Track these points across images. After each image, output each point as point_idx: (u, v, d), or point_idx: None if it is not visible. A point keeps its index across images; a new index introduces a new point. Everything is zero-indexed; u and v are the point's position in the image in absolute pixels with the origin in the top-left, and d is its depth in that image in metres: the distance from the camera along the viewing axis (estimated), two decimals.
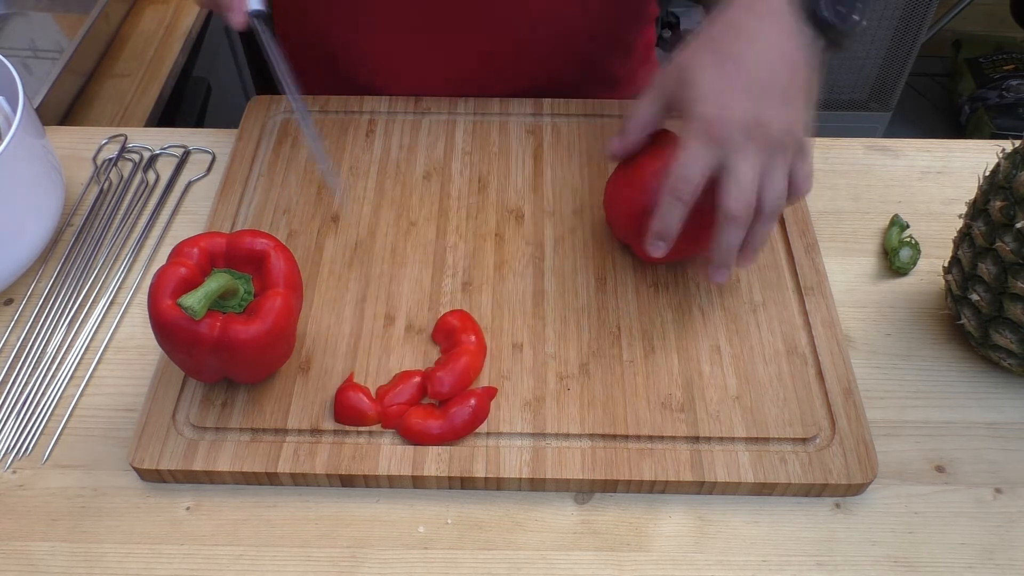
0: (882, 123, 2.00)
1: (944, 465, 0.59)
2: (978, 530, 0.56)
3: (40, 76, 1.06)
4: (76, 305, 0.67)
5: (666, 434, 0.58)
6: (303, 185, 0.73)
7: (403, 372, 0.61)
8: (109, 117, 1.03)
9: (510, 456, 0.57)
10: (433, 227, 0.70)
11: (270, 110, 0.80)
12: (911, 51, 1.85)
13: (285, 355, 0.59)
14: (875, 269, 0.70)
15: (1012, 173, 0.56)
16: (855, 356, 0.64)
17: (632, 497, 0.57)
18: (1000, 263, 0.57)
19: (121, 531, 0.56)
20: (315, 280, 0.67)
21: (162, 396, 0.60)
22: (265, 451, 0.57)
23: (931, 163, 0.78)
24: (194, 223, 0.74)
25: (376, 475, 0.56)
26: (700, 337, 0.63)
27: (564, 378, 0.61)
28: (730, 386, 0.60)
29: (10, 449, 0.60)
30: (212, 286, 0.53)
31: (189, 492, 0.57)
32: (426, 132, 0.78)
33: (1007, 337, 0.59)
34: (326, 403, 0.59)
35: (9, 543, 0.55)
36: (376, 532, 0.56)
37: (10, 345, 0.65)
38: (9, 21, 1.18)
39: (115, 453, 0.59)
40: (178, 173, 0.78)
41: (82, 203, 0.75)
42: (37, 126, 0.69)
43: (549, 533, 0.56)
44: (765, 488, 0.56)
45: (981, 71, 2.09)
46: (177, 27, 1.16)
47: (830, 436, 0.58)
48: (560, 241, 0.69)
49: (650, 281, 0.66)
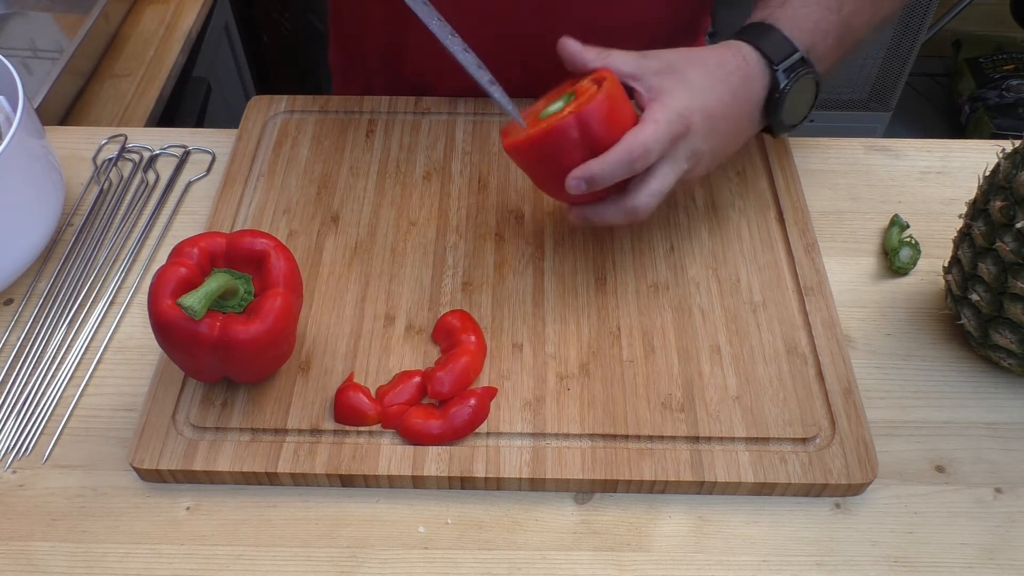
0: (882, 123, 2.00)
1: (944, 465, 0.59)
2: (978, 530, 0.56)
3: (40, 76, 1.07)
4: (76, 305, 0.67)
5: (666, 434, 0.58)
6: (303, 185, 0.73)
7: (403, 372, 0.61)
8: (109, 117, 1.03)
9: (510, 456, 0.57)
10: (433, 227, 0.70)
11: (270, 110, 0.80)
12: (911, 51, 1.85)
13: (285, 355, 0.60)
14: (875, 269, 0.70)
15: (1012, 173, 0.56)
16: (855, 356, 0.64)
17: (632, 497, 0.57)
18: (1000, 263, 0.57)
19: (121, 531, 0.56)
20: (315, 280, 0.67)
21: (162, 396, 0.60)
22: (265, 451, 0.57)
23: (931, 163, 0.78)
24: (194, 223, 0.74)
25: (376, 475, 0.56)
26: (700, 337, 0.63)
27: (564, 378, 0.61)
28: (730, 386, 0.60)
29: (10, 449, 0.60)
30: (212, 286, 0.53)
31: (189, 492, 0.57)
32: (426, 132, 0.78)
33: (1007, 337, 0.59)
34: (326, 403, 0.59)
35: (9, 543, 0.55)
36: (376, 532, 0.56)
37: (10, 345, 0.65)
38: (9, 21, 1.18)
39: (115, 453, 0.59)
40: (178, 173, 0.78)
41: (82, 203, 0.75)
42: (37, 126, 0.69)
43: (549, 533, 0.56)
44: (765, 488, 0.56)
45: (981, 71, 2.09)
46: (177, 27, 1.17)
47: (830, 436, 0.58)
48: (560, 241, 0.69)
49: (650, 281, 0.66)
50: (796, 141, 0.78)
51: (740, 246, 0.69)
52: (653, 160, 0.58)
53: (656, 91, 0.60)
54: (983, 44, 2.16)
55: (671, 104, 0.59)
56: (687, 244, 0.69)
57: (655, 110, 0.58)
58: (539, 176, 0.63)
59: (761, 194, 0.73)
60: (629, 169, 0.57)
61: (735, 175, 0.74)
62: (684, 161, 0.60)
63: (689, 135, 0.59)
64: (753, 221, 0.70)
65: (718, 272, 0.67)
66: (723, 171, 0.74)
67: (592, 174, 0.57)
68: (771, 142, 0.76)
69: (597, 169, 0.57)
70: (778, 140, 0.76)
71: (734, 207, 0.72)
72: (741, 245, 0.69)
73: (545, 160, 0.59)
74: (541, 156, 0.59)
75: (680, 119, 0.58)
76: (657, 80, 0.60)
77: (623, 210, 0.60)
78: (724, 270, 0.67)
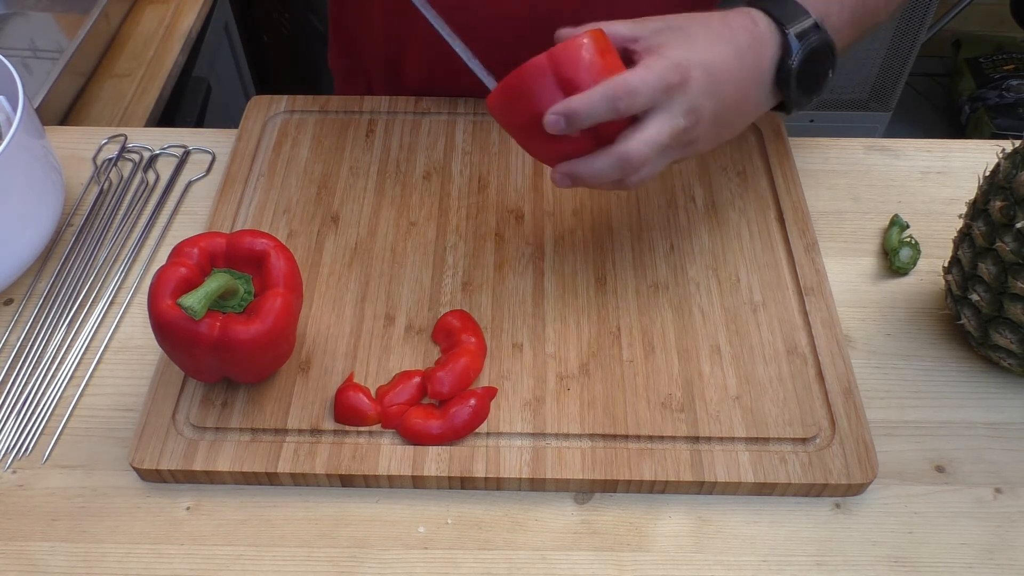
0: (882, 123, 2.00)
1: (944, 465, 0.59)
2: (978, 530, 0.56)
3: (40, 76, 1.06)
4: (76, 305, 0.67)
5: (666, 434, 0.58)
6: (303, 185, 0.73)
7: (403, 372, 0.61)
8: (109, 117, 1.03)
9: (510, 456, 0.57)
10: (433, 227, 0.70)
11: (270, 110, 0.80)
12: (911, 51, 1.85)
13: (285, 355, 0.60)
14: (875, 269, 0.70)
15: (1012, 173, 0.56)
16: (855, 356, 0.64)
17: (632, 497, 0.57)
18: (1000, 263, 0.57)
19: (121, 531, 0.56)
20: (315, 280, 0.67)
21: (162, 396, 0.60)
22: (265, 451, 0.57)
23: (931, 163, 0.78)
24: (194, 223, 0.74)
25: (376, 475, 0.56)
26: (700, 337, 0.63)
27: (564, 378, 0.61)
28: (730, 386, 0.60)
29: (10, 449, 0.60)
30: (212, 286, 0.53)
31: (189, 492, 0.57)
32: (426, 132, 0.78)
33: (1007, 337, 0.59)
34: (326, 403, 0.59)
35: (9, 543, 0.55)
36: (376, 532, 0.56)
37: (10, 345, 0.65)
38: (9, 21, 1.18)
39: (115, 453, 0.59)
40: (178, 173, 0.78)
41: (82, 203, 0.75)
42: (37, 126, 0.69)
43: (549, 533, 0.56)
44: (765, 488, 0.56)
45: (981, 71, 2.09)
46: (177, 27, 1.17)
47: (830, 436, 0.58)
48: (560, 241, 0.69)
49: (650, 281, 0.66)
50: (796, 141, 0.78)
51: (740, 246, 0.69)
52: (640, 103, 0.53)
53: (653, 46, 0.56)
54: (983, 44, 2.16)
55: (667, 54, 0.55)
56: (687, 244, 0.69)
57: (647, 59, 0.55)
58: (518, 128, 0.58)
59: (761, 194, 0.73)
60: (612, 108, 0.53)
61: (735, 175, 0.74)
62: (681, 116, 0.55)
63: (687, 87, 0.55)
64: (753, 221, 0.71)
65: (718, 272, 0.67)
66: (723, 171, 0.74)
67: (572, 108, 0.52)
68: (771, 142, 0.76)
69: (577, 104, 0.52)
70: (778, 140, 0.76)
71: (734, 207, 0.72)
72: (741, 245, 0.69)
73: (521, 107, 0.55)
74: (516, 101, 0.55)
75: (676, 68, 0.54)
76: (655, 37, 0.57)
77: (614, 158, 0.55)
78: (724, 270, 0.67)
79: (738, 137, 0.68)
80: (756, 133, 0.77)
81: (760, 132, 0.77)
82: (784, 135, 0.77)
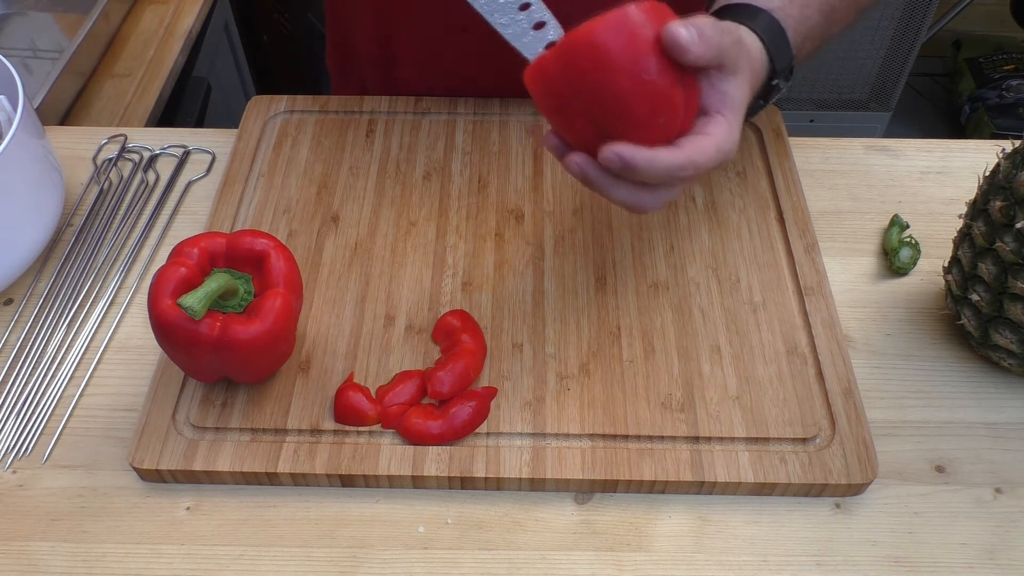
0: (882, 123, 2.00)
1: (944, 465, 0.59)
2: (978, 530, 0.56)
3: (40, 76, 1.06)
4: (76, 305, 0.67)
5: (666, 434, 0.58)
6: (303, 185, 0.73)
7: (403, 372, 0.61)
8: (109, 117, 1.03)
9: (510, 456, 0.57)
10: (433, 227, 0.70)
11: (270, 110, 0.80)
12: (911, 51, 1.85)
13: (285, 355, 0.60)
14: (875, 269, 0.70)
15: (1012, 173, 0.56)
16: (855, 356, 0.64)
17: (632, 497, 0.57)
18: (1000, 263, 0.57)
19: (121, 531, 0.56)
20: (315, 280, 0.67)
21: (162, 396, 0.60)
22: (265, 451, 0.57)
23: (931, 163, 0.78)
24: (194, 223, 0.74)
25: (376, 475, 0.56)
26: (700, 337, 0.63)
27: (564, 378, 0.61)
28: (730, 386, 0.60)
29: (10, 449, 0.60)
30: (212, 286, 0.53)
31: (189, 492, 0.57)
32: (426, 132, 0.78)
33: (1007, 337, 0.59)
34: (326, 403, 0.59)
35: (9, 543, 0.55)
36: (376, 532, 0.56)
37: (10, 345, 0.65)
38: (9, 21, 1.18)
39: (115, 453, 0.59)
40: (178, 173, 0.78)
41: (82, 203, 0.75)
42: (37, 126, 0.69)
43: (549, 533, 0.56)
44: (765, 488, 0.56)
45: (981, 71, 2.09)
46: (177, 27, 1.17)
47: (830, 436, 0.58)
48: (560, 241, 0.69)
49: (650, 281, 0.66)
50: (796, 141, 0.78)
51: (740, 246, 0.69)
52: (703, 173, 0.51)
53: (728, 96, 0.52)
54: (983, 44, 2.16)
55: (735, 123, 0.52)
56: (687, 244, 0.69)
57: (722, 127, 0.51)
58: (572, 98, 0.49)
59: (761, 194, 0.73)
60: (671, 180, 0.50)
61: (735, 175, 0.74)
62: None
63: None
64: (753, 221, 0.71)
65: (718, 272, 0.67)
66: (723, 171, 0.74)
67: (635, 164, 0.48)
68: (771, 142, 0.76)
69: (642, 162, 0.48)
70: (778, 140, 0.76)
71: (734, 207, 0.72)
72: (741, 245, 0.69)
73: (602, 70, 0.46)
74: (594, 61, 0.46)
75: (735, 134, 0.52)
76: (733, 66, 0.53)
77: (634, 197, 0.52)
78: (724, 270, 0.67)
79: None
80: (756, 133, 0.77)
81: (760, 132, 0.77)
82: (784, 135, 0.77)
